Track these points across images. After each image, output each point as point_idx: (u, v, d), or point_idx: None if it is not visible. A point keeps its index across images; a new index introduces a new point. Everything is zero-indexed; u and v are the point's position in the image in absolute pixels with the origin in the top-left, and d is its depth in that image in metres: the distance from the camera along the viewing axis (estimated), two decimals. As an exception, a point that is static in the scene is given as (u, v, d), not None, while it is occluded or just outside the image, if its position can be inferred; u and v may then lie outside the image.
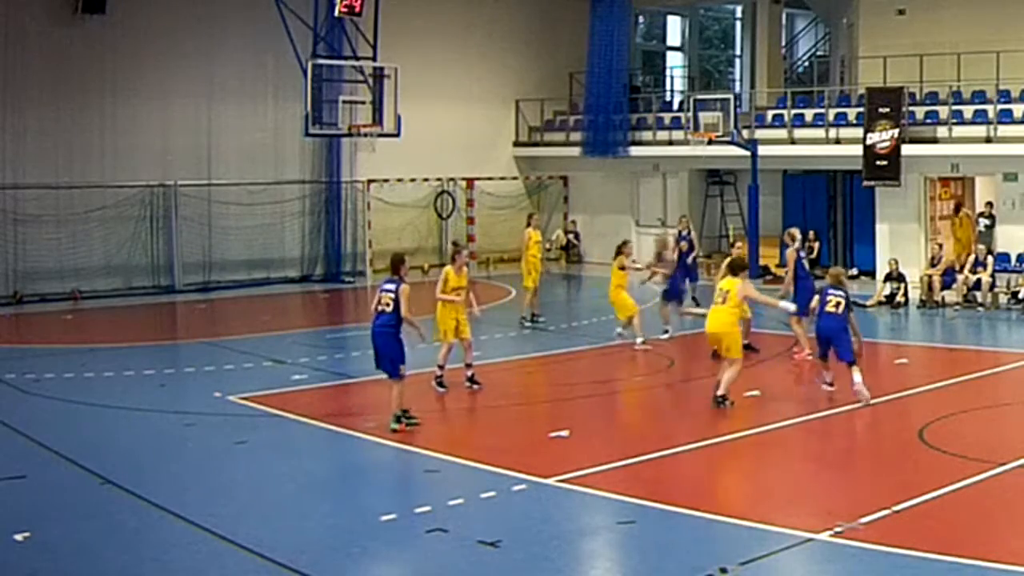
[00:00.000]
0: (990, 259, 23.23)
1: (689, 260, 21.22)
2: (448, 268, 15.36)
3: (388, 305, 13.08)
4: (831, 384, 14.80)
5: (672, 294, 19.71)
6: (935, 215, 26.67)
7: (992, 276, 23.01)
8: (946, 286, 23.49)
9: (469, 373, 15.37)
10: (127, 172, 26.26)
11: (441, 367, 15.13)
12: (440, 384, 15.10)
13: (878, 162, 25.45)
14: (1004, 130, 24.40)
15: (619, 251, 18.64)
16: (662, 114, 31.39)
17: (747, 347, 18.14)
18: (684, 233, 21.79)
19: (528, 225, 22.41)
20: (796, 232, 18.65)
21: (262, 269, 28.42)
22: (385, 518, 9.98)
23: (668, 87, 37.77)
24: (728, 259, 15.37)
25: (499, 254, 31.16)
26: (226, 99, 27.78)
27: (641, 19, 37.21)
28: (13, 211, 24.86)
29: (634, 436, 13.27)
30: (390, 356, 13.11)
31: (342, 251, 29.69)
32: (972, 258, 23.45)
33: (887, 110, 25.26)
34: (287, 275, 28.75)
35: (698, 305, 20.21)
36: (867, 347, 19.40)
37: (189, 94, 27.16)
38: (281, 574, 8.76)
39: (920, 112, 25.76)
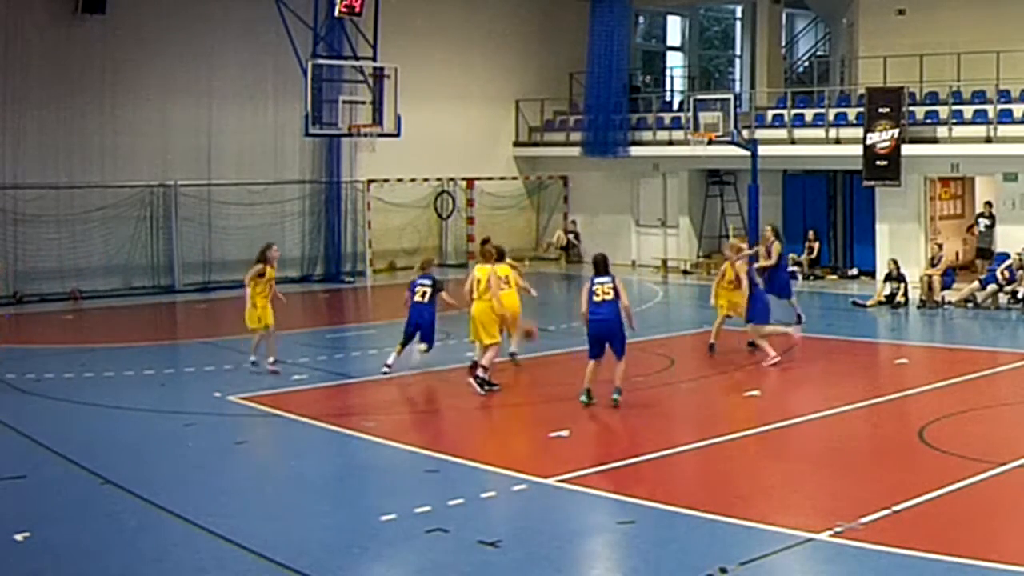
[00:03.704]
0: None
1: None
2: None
3: None
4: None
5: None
6: (935, 215, 26.70)
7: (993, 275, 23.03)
8: (946, 286, 23.47)
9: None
10: (127, 172, 26.26)
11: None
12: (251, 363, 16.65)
13: (878, 162, 25.44)
14: (1004, 130, 24.39)
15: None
16: (662, 114, 31.36)
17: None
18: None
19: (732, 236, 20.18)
20: (769, 232, 18.62)
21: (262, 269, 28.35)
22: (385, 518, 9.97)
23: (668, 87, 37.74)
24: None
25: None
26: (226, 99, 27.77)
27: (641, 19, 37.19)
28: (13, 211, 24.85)
29: (634, 436, 13.26)
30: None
31: (342, 251, 29.66)
32: (1010, 261, 22.80)
33: (887, 110, 25.24)
34: (287, 275, 28.59)
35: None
36: (867, 347, 19.55)
37: (189, 94, 27.14)
38: (281, 574, 8.75)
39: (920, 112, 25.75)
